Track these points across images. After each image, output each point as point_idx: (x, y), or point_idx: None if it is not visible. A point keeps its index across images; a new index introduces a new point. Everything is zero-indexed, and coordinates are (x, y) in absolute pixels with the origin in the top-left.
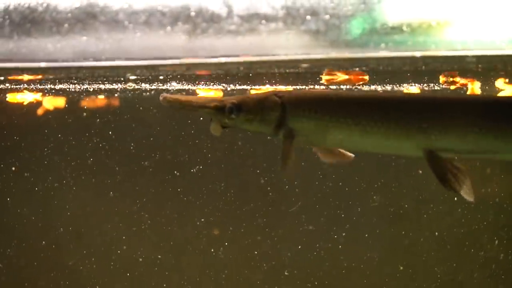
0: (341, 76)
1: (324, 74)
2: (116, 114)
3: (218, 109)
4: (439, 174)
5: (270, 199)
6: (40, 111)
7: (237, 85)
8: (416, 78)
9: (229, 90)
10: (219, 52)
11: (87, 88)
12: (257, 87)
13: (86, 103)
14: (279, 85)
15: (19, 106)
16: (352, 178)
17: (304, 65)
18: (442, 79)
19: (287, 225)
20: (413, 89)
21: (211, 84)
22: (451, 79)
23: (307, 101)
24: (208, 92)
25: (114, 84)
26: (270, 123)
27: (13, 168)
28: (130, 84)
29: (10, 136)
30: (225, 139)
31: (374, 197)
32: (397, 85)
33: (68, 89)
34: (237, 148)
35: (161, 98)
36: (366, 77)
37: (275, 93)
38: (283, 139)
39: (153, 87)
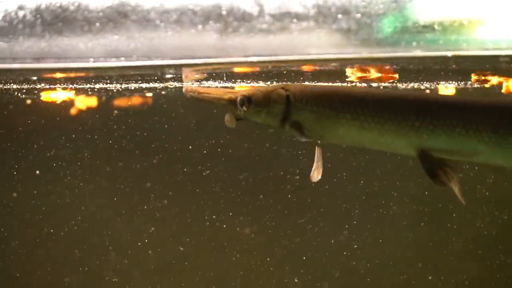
0: (372, 74)
1: (356, 70)
2: (148, 113)
3: (231, 101)
4: (429, 172)
5: (295, 198)
6: (72, 110)
7: (274, 82)
8: (447, 76)
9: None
10: (250, 51)
11: (118, 86)
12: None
13: (117, 102)
14: (310, 82)
15: (51, 105)
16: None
17: (335, 64)
18: (474, 77)
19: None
20: (447, 86)
21: (249, 81)
22: (482, 77)
23: (309, 95)
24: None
25: (145, 83)
26: (276, 115)
27: (46, 166)
28: (162, 83)
29: (42, 134)
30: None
31: (393, 194)
32: (430, 83)
33: (99, 88)
34: (268, 146)
35: (184, 90)
36: (396, 75)
37: (283, 87)
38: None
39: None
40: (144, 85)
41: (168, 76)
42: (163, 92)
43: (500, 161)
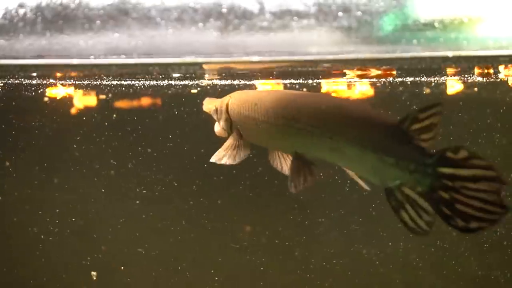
0: (373, 72)
1: (355, 69)
2: (148, 112)
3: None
4: (292, 173)
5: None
6: (71, 108)
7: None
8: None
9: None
10: (251, 49)
11: (118, 84)
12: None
13: (117, 100)
14: (314, 80)
15: (51, 102)
16: None
17: (335, 62)
18: (477, 70)
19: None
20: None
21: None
22: (486, 70)
23: (231, 102)
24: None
25: (146, 81)
26: (226, 122)
27: (45, 164)
28: (161, 81)
29: (42, 131)
30: None
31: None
32: (431, 78)
33: (99, 86)
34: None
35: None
36: (394, 72)
37: (230, 95)
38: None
39: (186, 83)
40: (144, 83)
41: (169, 74)
42: (164, 90)
43: (352, 168)
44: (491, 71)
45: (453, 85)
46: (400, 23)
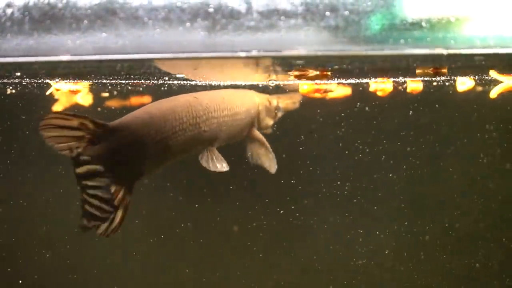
0: (312, 72)
1: (293, 71)
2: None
3: None
4: None
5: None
6: (58, 108)
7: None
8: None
9: None
10: (238, 49)
11: (106, 84)
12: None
13: (106, 99)
14: (298, 80)
15: (38, 102)
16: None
17: (324, 61)
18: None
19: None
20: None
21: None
22: (441, 70)
23: None
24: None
25: (134, 80)
26: None
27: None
28: (149, 80)
29: (29, 131)
30: None
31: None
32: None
33: (87, 86)
34: None
35: None
36: (329, 73)
37: None
38: None
39: (175, 82)
40: (131, 82)
41: (155, 73)
42: (150, 89)
43: None
44: (445, 70)
45: (464, 82)
46: (387, 23)
